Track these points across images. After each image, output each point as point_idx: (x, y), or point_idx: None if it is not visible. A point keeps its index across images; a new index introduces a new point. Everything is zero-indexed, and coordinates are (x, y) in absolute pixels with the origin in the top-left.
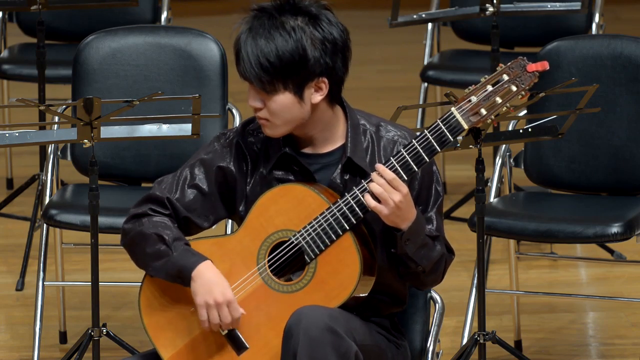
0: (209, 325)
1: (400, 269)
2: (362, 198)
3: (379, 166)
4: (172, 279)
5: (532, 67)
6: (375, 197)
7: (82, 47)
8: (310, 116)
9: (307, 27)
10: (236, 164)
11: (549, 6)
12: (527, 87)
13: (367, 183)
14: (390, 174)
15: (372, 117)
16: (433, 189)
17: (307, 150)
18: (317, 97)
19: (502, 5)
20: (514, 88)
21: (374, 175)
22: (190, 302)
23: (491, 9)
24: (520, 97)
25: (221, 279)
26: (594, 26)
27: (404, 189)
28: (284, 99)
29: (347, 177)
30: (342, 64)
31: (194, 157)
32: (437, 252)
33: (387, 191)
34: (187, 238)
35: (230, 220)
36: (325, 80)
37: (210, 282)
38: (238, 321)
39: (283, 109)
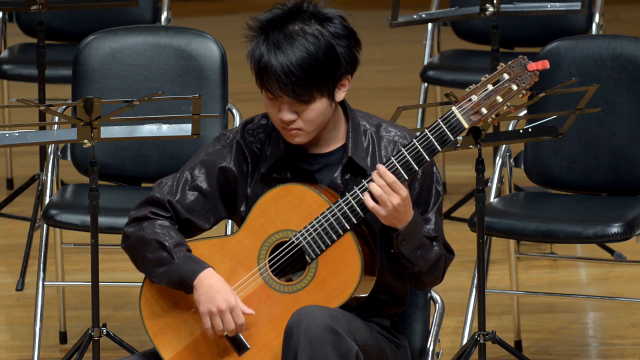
0: (212, 333)
1: (398, 269)
2: (362, 198)
3: (380, 167)
4: (174, 286)
5: (533, 66)
6: (374, 198)
7: (82, 47)
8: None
9: (326, 27)
10: (237, 165)
11: (549, 6)
12: (528, 86)
13: (367, 183)
14: (390, 177)
15: (371, 117)
16: (433, 189)
17: (308, 150)
18: (342, 95)
19: (502, 5)
20: (514, 87)
21: (374, 175)
22: (191, 303)
23: (491, 9)
24: (520, 96)
25: (223, 285)
26: (594, 26)
27: (404, 192)
28: (320, 106)
29: (347, 176)
30: (359, 54)
31: (194, 159)
32: (435, 253)
33: (386, 193)
34: (187, 239)
35: (230, 221)
36: (349, 76)
37: (212, 289)
38: (242, 327)
39: (319, 115)
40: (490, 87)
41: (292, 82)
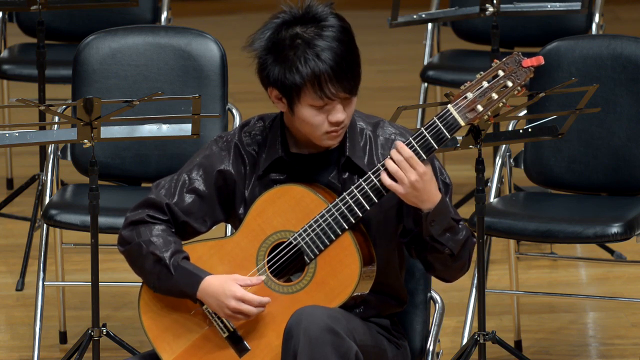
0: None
1: (427, 257)
2: (360, 198)
3: (398, 143)
4: (178, 297)
5: (527, 62)
6: (392, 176)
7: (82, 47)
8: None
9: (337, 22)
10: (235, 167)
11: (549, 6)
12: (523, 83)
13: (367, 178)
14: (408, 152)
15: (369, 117)
16: (439, 182)
17: (305, 151)
18: None
19: (502, 5)
20: (509, 84)
21: (392, 152)
22: (190, 304)
23: (491, 9)
24: (516, 92)
25: (223, 284)
26: (594, 26)
27: (421, 167)
28: (355, 97)
29: (345, 176)
30: None
31: (191, 162)
32: (463, 235)
33: (403, 169)
34: (185, 242)
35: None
36: None
37: (216, 294)
38: (263, 301)
39: (354, 107)
40: (485, 84)
41: (348, 77)
